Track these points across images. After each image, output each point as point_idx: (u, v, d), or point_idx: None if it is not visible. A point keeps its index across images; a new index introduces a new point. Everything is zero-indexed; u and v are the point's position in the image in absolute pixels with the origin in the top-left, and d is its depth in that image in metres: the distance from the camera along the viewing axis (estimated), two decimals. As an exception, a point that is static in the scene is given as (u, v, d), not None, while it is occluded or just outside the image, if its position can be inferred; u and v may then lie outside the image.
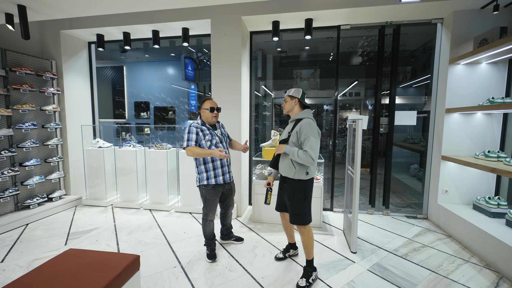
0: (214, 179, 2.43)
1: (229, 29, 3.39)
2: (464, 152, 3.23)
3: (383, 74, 3.62)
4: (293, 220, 2.21)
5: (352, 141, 2.95)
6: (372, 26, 3.58)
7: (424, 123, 4.38)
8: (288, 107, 2.26)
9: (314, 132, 2.04)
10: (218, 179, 2.44)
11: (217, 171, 2.44)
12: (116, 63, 6.75)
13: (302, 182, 2.15)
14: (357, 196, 2.59)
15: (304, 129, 2.06)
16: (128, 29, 3.85)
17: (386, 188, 3.73)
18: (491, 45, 2.61)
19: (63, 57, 4.03)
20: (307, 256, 2.23)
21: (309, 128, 2.05)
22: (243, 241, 2.86)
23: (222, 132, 2.58)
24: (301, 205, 2.17)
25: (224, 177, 2.48)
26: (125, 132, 6.44)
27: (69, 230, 3.19)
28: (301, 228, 2.20)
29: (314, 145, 2.02)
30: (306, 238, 2.19)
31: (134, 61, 6.79)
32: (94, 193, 4.13)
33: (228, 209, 2.73)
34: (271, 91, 6.56)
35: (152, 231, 3.15)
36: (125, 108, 6.66)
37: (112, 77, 6.74)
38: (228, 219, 2.78)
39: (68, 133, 4.12)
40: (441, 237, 3.04)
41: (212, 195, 2.43)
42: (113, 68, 6.78)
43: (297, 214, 2.19)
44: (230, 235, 2.85)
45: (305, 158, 2.02)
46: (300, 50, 6.37)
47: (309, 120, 2.12)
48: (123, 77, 6.71)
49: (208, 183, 2.42)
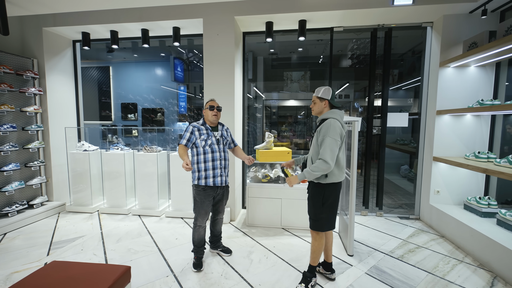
0: (204, 180, 2.35)
1: (222, 29, 3.32)
2: (455, 153, 3.29)
3: (375, 76, 3.65)
4: (311, 224, 2.13)
5: (347, 143, 2.93)
6: (365, 28, 3.61)
7: (414, 125, 4.46)
8: (317, 109, 2.10)
9: (332, 132, 1.90)
10: (208, 181, 2.35)
11: (208, 173, 2.35)
12: (101, 63, 6.53)
13: (320, 186, 2.04)
14: (354, 199, 2.56)
15: (324, 129, 1.94)
16: (116, 27, 3.70)
17: (379, 190, 3.75)
18: (480, 49, 2.67)
19: (46, 55, 3.82)
20: (311, 261, 2.16)
21: (328, 128, 1.92)
22: (231, 253, 2.68)
23: (223, 135, 2.49)
24: (318, 210, 2.06)
25: (215, 180, 2.38)
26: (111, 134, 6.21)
27: (51, 239, 2.99)
28: (314, 233, 2.12)
29: (328, 147, 1.89)
30: (317, 244, 2.12)
31: (121, 62, 6.59)
32: (79, 199, 3.92)
33: (218, 215, 2.60)
34: (261, 93, 6.52)
35: (142, 238, 3.01)
36: (111, 110, 6.43)
37: (97, 78, 6.51)
38: (217, 226, 2.65)
39: (50, 135, 3.90)
40: (434, 238, 3.06)
41: (201, 196, 2.35)
42: (98, 69, 6.55)
43: (314, 219, 2.10)
44: (218, 244, 2.69)
45: (321, 166, 1.90)
46: (290, 52, 6.38)
47: (331, 120, 1.96)
48: (109, 77, 6.50)
49: (199, 183, 2.35)
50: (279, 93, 6.62)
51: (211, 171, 2.37)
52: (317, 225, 2.08)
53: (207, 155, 2.35)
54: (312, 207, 2.10)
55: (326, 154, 1.89)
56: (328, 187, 2.04)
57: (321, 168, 1.90)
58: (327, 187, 2.03)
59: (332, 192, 2.04)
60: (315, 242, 2.12)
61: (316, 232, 2.10)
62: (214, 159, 2.38)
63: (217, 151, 2.39)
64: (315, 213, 2.08)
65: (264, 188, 3.28)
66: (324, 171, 1.91)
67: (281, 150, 3.24)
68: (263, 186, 3.30)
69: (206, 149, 2.34)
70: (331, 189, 2.04)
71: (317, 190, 2.06)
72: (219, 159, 2.41)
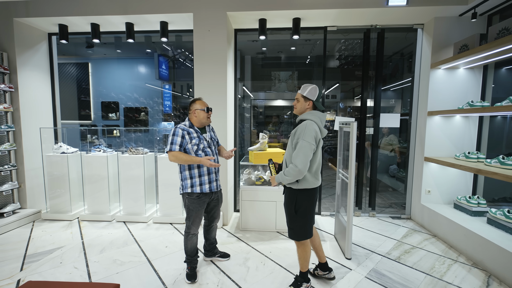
0: (199, 187, 2.18)
1: (214, 25, 3.17)
2: (445, 153, 3.35)
3: (368, 77, 3.65)
4: (289, 233, 2.03)
5: (345, 144, 2.89)
6: (358, 29, 3.59)
7: (401, 125, 4.54)
8: (300, 108, 1.96)
9: (307, 135, 1.78)
10: (204, 187, 2.19)
11: (203, 178, 2.19)
12: (80, 59, 6.12)
13: (293, 191, 1.94)
14: (352, 202, 2.51)
15: (299, 131, 1.84)
16: (97, 19, 3.44)
17: (372, 190, 3.76)
18: (472, 51, 2.71)
19: (17, 49, 3.48)
20: (301, 268, 2.09)
21: (303, 131, 1.80)
22: (229, 257, 2.58)
23: (212, 136, 2.34)
24: (292, 218, 1.96)
25: (211, 185, 2.24)
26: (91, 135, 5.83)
27: (25, 252, 2.71)
28: (297, 242, 2.03)
29: (301, 151, 1.78)
30: (301, 251, 2.03)
31: (102, 58, 6.22)
32: (57, 205, 3.61)
33: (213, 221, 2.46)
34: (250, 92, 6.42)
35: (129, 247, 2.80)
36: (90, 109, 6.06)
37: (76, 75, 6.10)
38: (212, 232, 2.50)
39: (23, 137, 3.56)
40: (427, 237, 3.10)
41: (196, 205, 2.18)
42: (76, 65, 6.14)
43: (290, 227, 2.01)
44: (215, 250, 2.56)
45: (292, 172, 1.81)
46: (278, 52, 6.34)
47: (308, 122, 1.85)
48: (88, 74, 6.11)
49: (192, 191, 2.16)
50: (266, 92, 6.55)
51: (206, 177, 2.21)
52: (292, 234, 1.98)
53: None
54: (287, 214, 2.01)
55: (298, 158, 1.78)
56: (301, 194, 1.92)
57: (292, 173, 1.80)
58: (300, 193, 1.92)
59: (304, 199, 1.92)
60: (298, 250, 2.03)
61: (300, 242, 1.99)
62: None
63: (210, 154, 2.24)
64: (290, 221, 1.98)
65: (258, 191, 3.17)
66: (295, 177, 1.81)
67: (276, 151, 3.14)
68: (257, 189, 3.19)
69: (199, 154, 2.16)
70: (303, 196, 1.92)
71: (290, 196, 1.96)
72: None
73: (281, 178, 1.91)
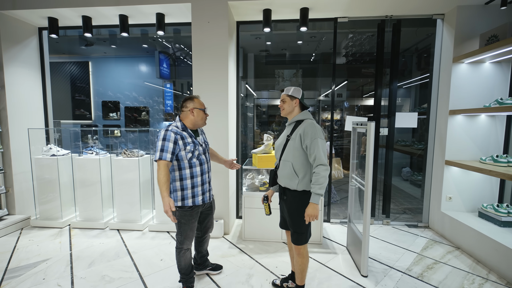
0: (191, 199, 1.90)
1: (214, 15, 2.90)
2: (468, 157, 3.04)
3: (382, 73, 3.35)
4: (296, 239, 1.85)
5: (358, 147, 2.60)
6: (371, 20, 3.29)
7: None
8: (288, 108, 1.89)
9: (319, 133, 1.77)
10: (197, 200, 1.91)
11: (196, 190, 1.91)
12: (80, 58, 5.93)
13: (307, 194, 1.79)
14: (369, 213, 2.23)
15: (309, 130, 1.75)
16: (88, 12, 3.18)
17: (386, 196, 3.46)
18: (503, 42, 2.40)
19: (3, 44, 3.24)
20: (299, 281, 1.91)
21: (314, 129, 1.76)
22: (221, 269, 2.34)
23: (205, 140, 2.08)
24: (303, 221, 1.80)
25: (204, 197, 1.97)
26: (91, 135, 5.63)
27: (7, 265, 2.46)
28: (301, 250, 1.86)
29: (321, 149, 1.74)
30: (305, 260, 1.88)
31: (102, 56, 6.01)
32: (46, 211, 3.38)
33: (207, 232, 2.19)
34: (253, 91, 6.16)
35: (120, 261, 2.54)
36: (90, 108, 5.85)
37: (76, 74, 5.90)
38: (205, 244, 2.24)
39: (11, 138, 3.33)
40: (450, 250, 2.80)
41: (189, 217, 1.90)
42: (77, 64, 5.95)
43: (300, 233, 1.83)
44: (206, 263, 2.30)
45: (324, 173, 1.72)
46: (282, 50, 6.07)
47: (312, 121, 1.83)
48: (89, 73, 5.92)
49: (184, 204, 1.87)
50: (269, 91, 6.31)
51: (200, 187, 1.93)
52: (304, 238, 1.85)
53: (195, 169, 1.89)
54: (296, 220, 1.82)
55: (322, 157, 1.73)
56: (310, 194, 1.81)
57: (325, 174, 1.72)
58: (310, 193, 1.80)
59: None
60: (302, 259, 1.88)
61: (302, 247, 1.85)
62: (203, 172, 1.95)
63: (205, 162, 1.97)
64: (300, 226, 1.82)
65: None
66: (327, 175, 1.73)
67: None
68: (261, 195, 2.91)
69: (193, 162, 1.88)
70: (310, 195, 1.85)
71: (303, 199, 1.80)
72: (207, 171, 2.00)
73: (320, 190, 1.71)
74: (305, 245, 1.86)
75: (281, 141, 1.90)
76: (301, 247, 1.85)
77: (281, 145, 1.88)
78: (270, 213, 2.01)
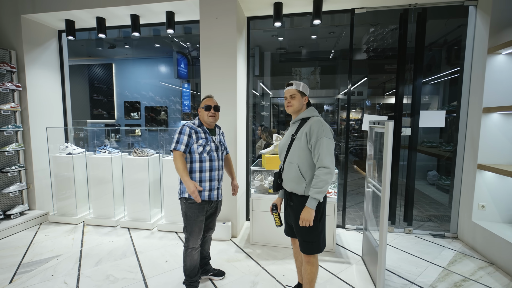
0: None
1: (222, 11, 2.80)
2: (505, 160, 2.69)
3: (405, 68, 3.06)
4: (305, 248, 1.70)
5: (375, 148, 2.38)
6: (393, 10, 3.02)
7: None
8: (297, 105, 1.73)
9: (327, 132, 1.61)
10: (203, 194, 1.92)
11: (203, 184, 1.92)
12: (105, 60, 6.20)
13: None
14: (386, 221, 2.01)
15: (316, 128, 1.61)
16: (102, 13, 3.24)
17: (409, 201, 3.17)
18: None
19: (25, 46, 3.39)
20: None
21: (321, 127, 1.61)
22: (224, 276, 2.25)
23: (221, 141, 2.06)
24: (315, 228, 1.65)
25: (211, 194, 1.95)
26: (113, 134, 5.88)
27: (21, 259, 2.55)
28: (311, 258, 1.70)
29: (327, 149, 1.58)
30: (314, 269, 1.74)
31: (124, 58, 6.23)
32: (63, 208, 3.49)
33: (208, 232, 2.14)
34: (269, 90, 6.02)
35: (126, 260, 2.53)
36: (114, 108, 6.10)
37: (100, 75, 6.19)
38: (205, 245, 2.19)
39: (32, 137, 3.47)
40: (482, 265, 2.48)
41: (195, 210, 1.89)
42: (101, 66, 6.24)
43: (310, 241, 1.67)
44: (208, 267, 2.23)
45: (326, 178, 1.55)
46: (299, 47, 5.88)
47: (319, 118, 1.68)
48: (112, 75, 6.16)
49: (190, 196, 1.86)
50: (286, 90, 6.13)
51: (208, 183, 1.92)
52: (316, 247, 1.69)
53: (204, 164, 1.91)
54: (306, 226, 1.64)
55: (326, 158, 1.57)
56: (324, 198, 1.69)
57: (327, 179, 1.56)
58: (323, 198, 1.68)
59: (324, 204, 1.71)
60: (311, 267, 1.73)
61: (312, 256, 1.70)
62: (212, 168, 1.93)
63: (215, 159, 1.96)
64: (313, 233, 1.66)
65: (271, 200, 2.76)
66: (330, 180, 1.58)
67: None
68: (270, 198, 2.78)
69: (204, 157, 1.91)
70: (325, 200, 1.72)
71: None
72: (217, 169, 1.97)
73: (318, 195, 1.57)
74: (317, 254, 1.72)
75: (285, 141, 1.76)
76: (310, 255, 1.70)
77: (286, 145, 1.73)
78: (281, 224, 1.86)
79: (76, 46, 5.79)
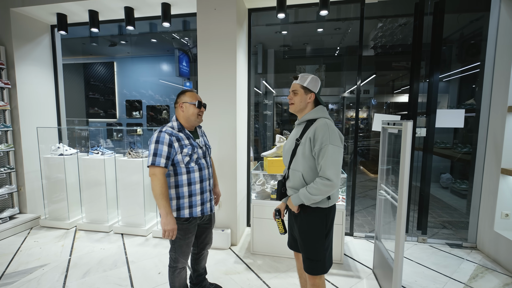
0: (188, 209, 1.63)
1: (221, 1, 2.59)
2: (533, 164, 2.43)
3: (419, 63, 2.81)
4: (308, 267, 1.48)
5: (388, 150, 2.15)
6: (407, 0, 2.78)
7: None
8: (299, 103, 1.48)
9: (334, 139, 1.36)
10: (194, 211, 1.64)
11: (194, 199, 1.64)
12: (106, 58, 6.07)
13: (321, 211, 1.45)
14: (403, 236, 1.78)
15: (320, 133, 1.36)
16: (94, 5, 3.05)
17: (423, 208, 2.93)
18: None
19: (15, 42, 3.21)
20: None
21: (327, 132, 1.36)
22: None
23: (206, 143, 1.79)
24: (320, 245, 1.44)
25: (203, 208, 1.69)
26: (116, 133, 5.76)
27: (5, 269, 2.37)
28: (316, 280, 1.48)
29: (331, 159, 1.34)
30: None
31: (126, 57, 6.08)
32: (55, 212, 3.32)
33: (204, 249, 1.89)
34: (272, 88, 5.80)
35: (116, 271, 2.34)
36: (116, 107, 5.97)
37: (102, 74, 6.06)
38: (202, 262, 1.93)
39: (22, 137, 3.31)
40: (508, 281, 2.23)
41: (185, 231, 1.63)
42: (103, 64, 6.11)
43: (314, 260, 1.45)
44: (204, 283, 1.99)
45: (324, 189, 1.35)
46: (304, 44, 5.65)
47: (326, 120, 1.42)
48: (114, 73, 6.03)
49: (179, 215, 1.61)
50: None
51: (199, 196, 1.66)
52: (320, 267, 1.47)
53: (193, 175, 1.63)
54: (312, 242, 1.45)
55: (330, 169, 1.33)
56: (331, 211, 1.49)
57: (324, 190, 1.35)
58: (330, 210, 1.48)
59: (333, 216, 1.51)
60: None
61: (318, 277, 1.49)
62: (202, 179, 1.67)
63: (205, 167, 1.70)
64: (318, 250, 1.46)
65: (273, 206, 2.54)
66: (327, 193, 1.36)
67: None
68: (272, 204, 2.57)
69: (191, 167, 1.62)
70: (332, 213, 1.50)
71: (318, 217, 1.46)
72: (208, 178, 1.72)
73: (305, 199, 1.38)
74: (322, 275, 1.49)
75: (289, 145, 1.53)
76: (316, 277, 1.48)
77: (290, 150, 1.51)
78: (285, 231, 1.64)
79: (76, 44, 5.65)
